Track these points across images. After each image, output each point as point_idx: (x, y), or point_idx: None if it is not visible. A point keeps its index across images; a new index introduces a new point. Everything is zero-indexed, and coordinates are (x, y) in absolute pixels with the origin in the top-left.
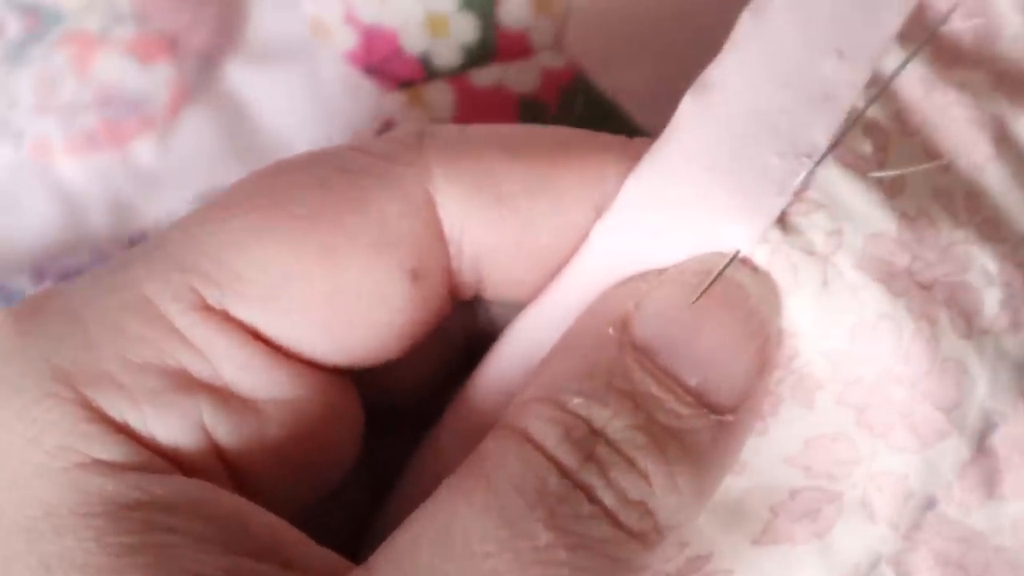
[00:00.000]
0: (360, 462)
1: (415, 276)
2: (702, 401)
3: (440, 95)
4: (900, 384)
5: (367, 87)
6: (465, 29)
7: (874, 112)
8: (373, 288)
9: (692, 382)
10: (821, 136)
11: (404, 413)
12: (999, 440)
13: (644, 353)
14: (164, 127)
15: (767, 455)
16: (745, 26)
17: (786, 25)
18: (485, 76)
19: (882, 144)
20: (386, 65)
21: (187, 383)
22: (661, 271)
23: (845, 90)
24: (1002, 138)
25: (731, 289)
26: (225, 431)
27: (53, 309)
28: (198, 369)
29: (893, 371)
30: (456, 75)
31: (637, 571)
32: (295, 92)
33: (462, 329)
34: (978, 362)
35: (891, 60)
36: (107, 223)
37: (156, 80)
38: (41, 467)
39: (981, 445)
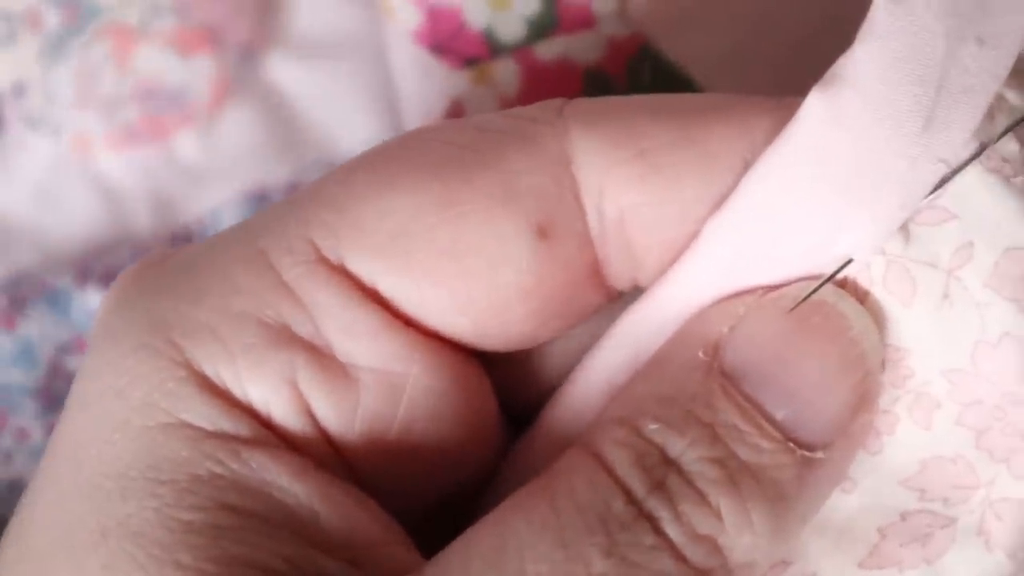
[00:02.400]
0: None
1: (543, 233)
2: (789, 436)
3: (506, 71)
4: (1023, 407)
5: (435, 67)
6: (528, 2)
7: (1020, 106)
8: (496, 242)
9: (779, 415)
10: (958, 136)
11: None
12: None
13: (732, 381)
14: (206, 121)
15: (880, 475)
16: (880, 14)
17: (924, 13)
18: (549, 49)
19: None
20: (452, 42)
21: (284, 337)
22: (762, 292)
23: (986, 81)
24: None
25: (831, 318)
26: (320, 396)
27: (173, 263)
28: (299, 325)
29: (1016, 393)
30: (520, 49)
31: None
32: (351, 81)
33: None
34: None
35: None
36: (149, 218)
37: (197, 73)
38: (124, 422)
39: None
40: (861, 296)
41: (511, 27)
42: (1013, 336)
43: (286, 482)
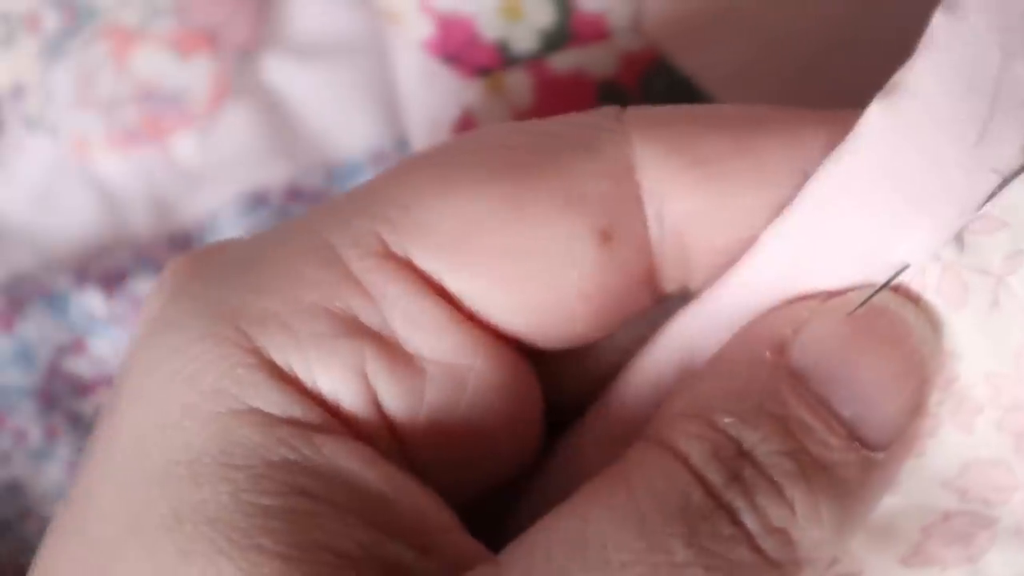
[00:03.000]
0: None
1: (606, 237)
2: (853, 435)
3: (519, 82)
4: None
5: (445, 76)
6: (541, 13)
7: None
8: (560, 245)
9: (846, 414)
10: (1013, 147)
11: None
12: None
13: (799, 380)
14: (205, 122)
15: (923, 476)
16: (939, 26)
17: (981, 24)
18: (563, 61)
19: None
20: (464, 53)
21: (354, 328)
22: (824, 297)
23: None
24: None
25: (894, 324)
26: (388, 385)
27: (231, 253)
28: (367, 316)
29: None
30: (534, 61)
31: None
32: (350, 86)
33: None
34: None
35: None
36: (147, 220)
37: (195, 74)
38: (193, 408)
39: None
40: (915, 301)
41: (525, 38)
42: None
43: (357, 469)
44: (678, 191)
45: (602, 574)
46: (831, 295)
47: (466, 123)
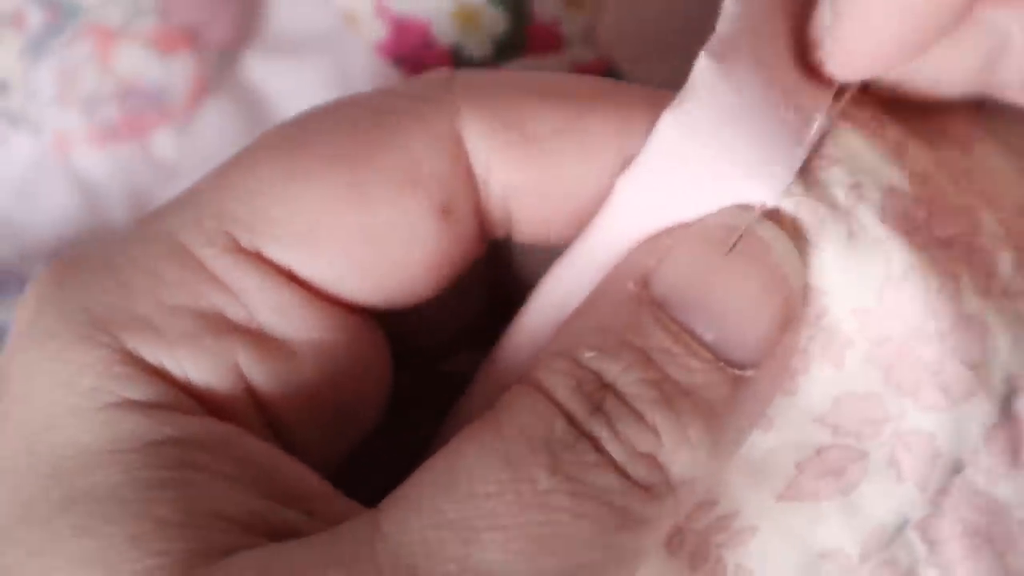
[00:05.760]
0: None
1: (445, 212)
2: (719, 356)
3: None
4: (928, 341)
5: (396, 79)
6: (496, 21)
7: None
8: (404, 225)
9: (708, 337)
10: (826, 95)
11: (425, 357)
12: (1023, 407)
13: (662, 308)
14: (184, 119)
15: (795, 413)
16: None
17: None
18: (516, 69)
19: (878, 113)
20: (416, 57)
21: (223, 326)
22: (685, 227)
23: None
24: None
25: (753, 244)
26: (260, 374)
27: (90, 261)
28: (233, 312)
29: (921, 328)
30: (486, 67)
31: (643, 522)
32: (319, 85)
33: (485, 275)
34: (999, 322)
35: None
36: (126, 215)
37: (176, 72)
38: (75, 408)
39: (1006, 410)
40: (773, 222)
41: (479, 46)
42: (915, 271)
43: (241, 441)
44: (504, 166)
45: (469, 506)
46: (690, 225)
47: None
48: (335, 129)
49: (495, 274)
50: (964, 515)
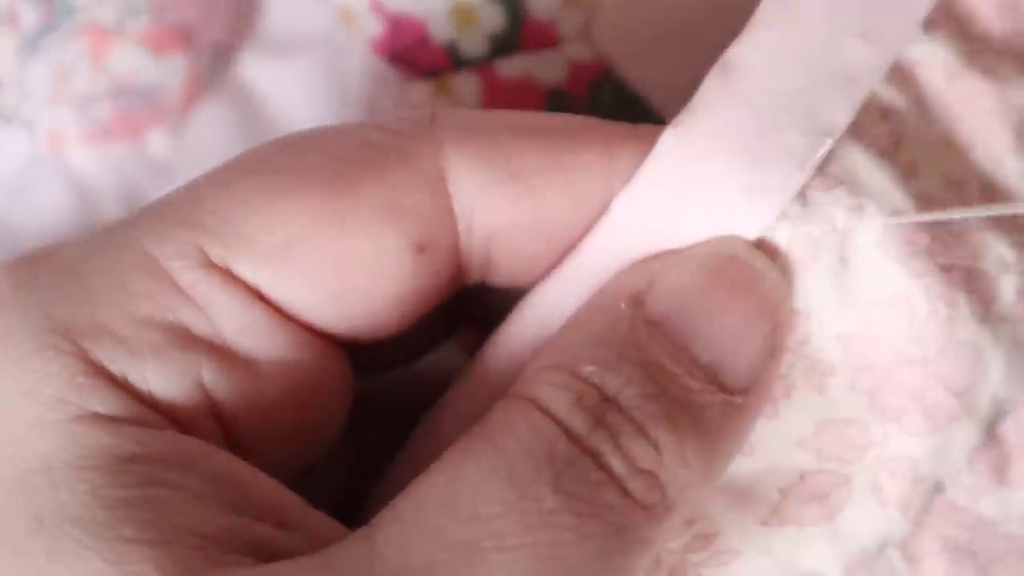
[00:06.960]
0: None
1: (420, 249)
2: (713, 380)
3: (466, 85)
4: (913, 366)
5: (391, 76)
6: (492, 18)
7: (892, 97)
8: (377, 256)
9: (705, 358)
10: (842, 116)
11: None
12: (1010, 428)
13: (657, 329)
14: (178, 119)
15: (778, 438)
16: (769, 6)
17: (812, 6)
18: (512, 66)
19: (898, 130)
20: (411, 54)
21: (188, 339)
22: (676, 252)
23: (867, 73)
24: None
25: (745, 271)
26: (224, 389)
27: (50, 263)
28: (199, 326)
29: (906, 353)
30: (483, 65)
31: (643, 542)
32: (314, 84)
33: (452, 311)
34: (993, 347)
35: (916, 46)
36: (119, 214)
37: (170, 72)
38: (38, 420)
39: (991, 432)
40: (765, 251)
41: (475, 43)
42: (903, 296)
43: (208, 456)
44: (488, 205)
45: (475, 527)
46: (683, 251)
47: None
48: (316, 154)
49: (462, 311)
50: (944, 531)
